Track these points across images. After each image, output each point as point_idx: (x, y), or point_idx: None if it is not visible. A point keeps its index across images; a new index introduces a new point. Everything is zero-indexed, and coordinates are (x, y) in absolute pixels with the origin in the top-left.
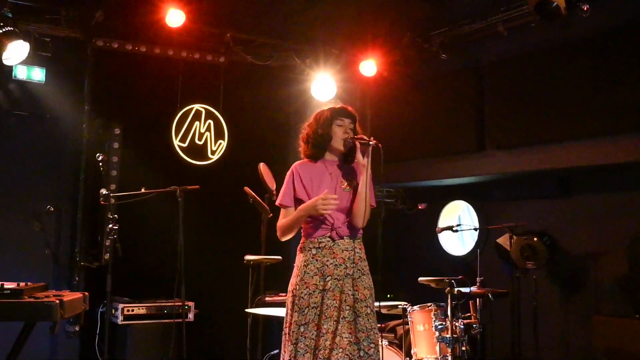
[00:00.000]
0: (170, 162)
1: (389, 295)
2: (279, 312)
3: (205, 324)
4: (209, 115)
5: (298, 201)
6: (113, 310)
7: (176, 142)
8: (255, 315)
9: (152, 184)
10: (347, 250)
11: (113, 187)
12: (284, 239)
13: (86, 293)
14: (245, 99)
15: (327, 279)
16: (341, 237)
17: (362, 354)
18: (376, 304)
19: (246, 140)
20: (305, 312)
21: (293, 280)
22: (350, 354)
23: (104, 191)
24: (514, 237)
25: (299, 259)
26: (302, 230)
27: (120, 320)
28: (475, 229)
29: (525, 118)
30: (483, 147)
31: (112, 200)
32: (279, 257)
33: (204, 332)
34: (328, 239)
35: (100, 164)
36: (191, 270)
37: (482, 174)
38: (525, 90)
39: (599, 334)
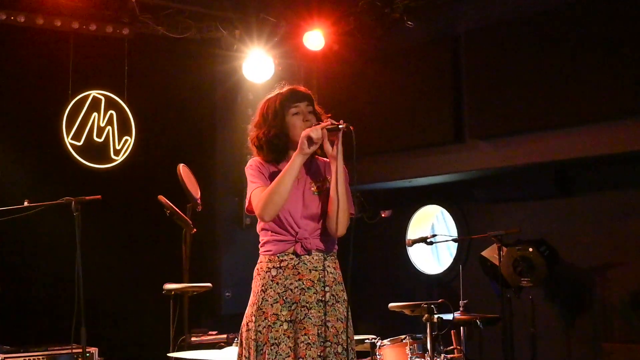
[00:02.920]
0: (62, 166)
1: None
2: (209, 355)
3: None
4: (111, 104)
5: None
6: None
7: (68, 140)
8: None
9: (38, 196)
10: (315, 270)
11: None
12: (270, 215)
13: None
14: (157, 82)
15: (292, 308)
16: (308, 252)
17: None
18: None
19: (160, 135)
20: (264, 350)
21: (248, 311)
22: None
23: None
24: (504, 248)
25: (256, 284)
26: (260, 246)
27: None
28: (455, 240)
29: (512, 100)
30: (461, 137)
31: None
32: (208, 285)
33: None
34: (291, 255)
35: None
36: (94, 306)
37: (460, 171)
38: (512, 65)
39: None
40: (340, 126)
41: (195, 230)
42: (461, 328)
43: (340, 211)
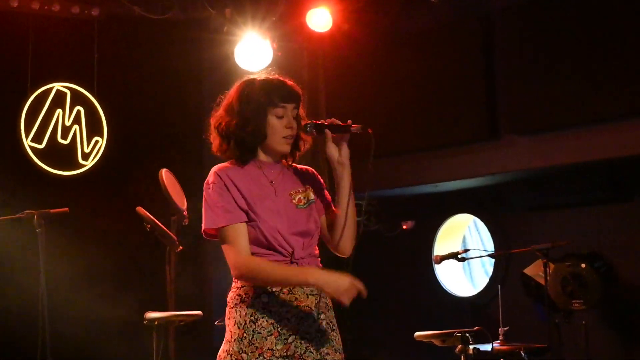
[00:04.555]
0: (21, 173)
1: None
2: None
3: None
4: (78, 99)
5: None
6: None
7: (27, 143)
8: None
9: None
10: (312, 295)
11: None
12: (243, 280)
13: None
14: (133, 72)
15: (290, 339)
16: None
17: None
18: None
19: (137, 135)
20: None
21: (231, 347)
22: None
23: None
24: (550, 264)
25: (241, 313)
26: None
27: None
28: (491, 256)
29: (555, 89)
30: (496, 133)
31: None
32: (198, 313)
33: None
34: None
35: None
36: (62, 336)
37: (495, 173)
38: (554, 48)
39: None
40: (352, 127)
41: (181, 247)
42: None
43: (350, 229)
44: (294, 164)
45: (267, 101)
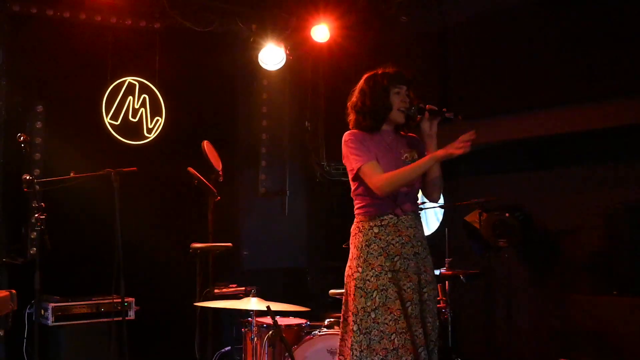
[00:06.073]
0: (102, 143)
1: None
2: (230, 305)
3: (148, 322)
4: (144, 89)
5: None
6: (42, 311)
7: (107, 120)
8: (204, 310)
9: (82, 168)
10: (411, 227)
11: (37, 172)
12: (386, 193)
13: (13, 291)
14: (184, 70)
15: (395, 259)
16: (405, 214)
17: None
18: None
19: (186, 116)
20: (374, 295)
21: (352, 264)
22: (432, 340)
23: (27, 177)
24: (484, 213)
25: (358, 239)
26: (356, 209)
27: (50, 321)
28: (441, 207)
29: (493, 85)
30: (449, 118)
31: (37, 187)
32: (229, 244)
33: (147, 331)
34: (391, 215)
35: (22, 146)
36: (131, 262)
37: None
38: (494, 54)
39: (576, 313)
40: (446, 113)
41: (218, 197)
42: (446, 282)
43: (440, 180)
44: (407, 133)
45: (388, 83)
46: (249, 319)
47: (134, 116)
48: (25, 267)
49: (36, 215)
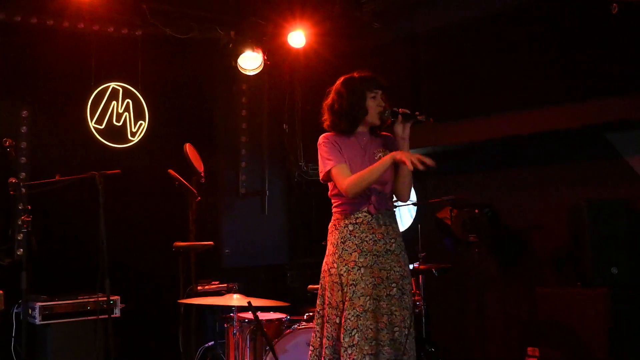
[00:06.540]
0: (87, 146)
1: None
2: (213, 301)
3: (133, 319)
4: (127, 94)
5: None
6: (30, 311)
7: (92, 124)
8: (187, 307)
9: (67, 171)
10: (385, 225)
11: (23, 175)
12: (353, 194)
13: (1, 291)
14: (165, 75)
15: (367, 255)
16: (379, 212)
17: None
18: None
19: (168, 120)
20: (345, 290)
21: (329, 259)
22: (400, 331)
23: (13, 180)
24: (455, 210)
25: (334, 236)
26: (334, 207)
27: (38, 320)
28: (414, 204)
29: (462, 89)
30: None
31: (23, 190)
32: (211, 243)
33: (132, 328)
34: (366, 213)
35: (8, 150)
36: (115, 261)
37: (417, 147)
38: (463, 60)
39: (543, 305)
40: (418, 116)
41: (199, 198)
42: (420, 276)
43: (409, 182)
44: (381, 132)
45: (364, 87)
46: (231, 314)
47: (118, 120)
48: (12, 268)
49: (22, 217)
